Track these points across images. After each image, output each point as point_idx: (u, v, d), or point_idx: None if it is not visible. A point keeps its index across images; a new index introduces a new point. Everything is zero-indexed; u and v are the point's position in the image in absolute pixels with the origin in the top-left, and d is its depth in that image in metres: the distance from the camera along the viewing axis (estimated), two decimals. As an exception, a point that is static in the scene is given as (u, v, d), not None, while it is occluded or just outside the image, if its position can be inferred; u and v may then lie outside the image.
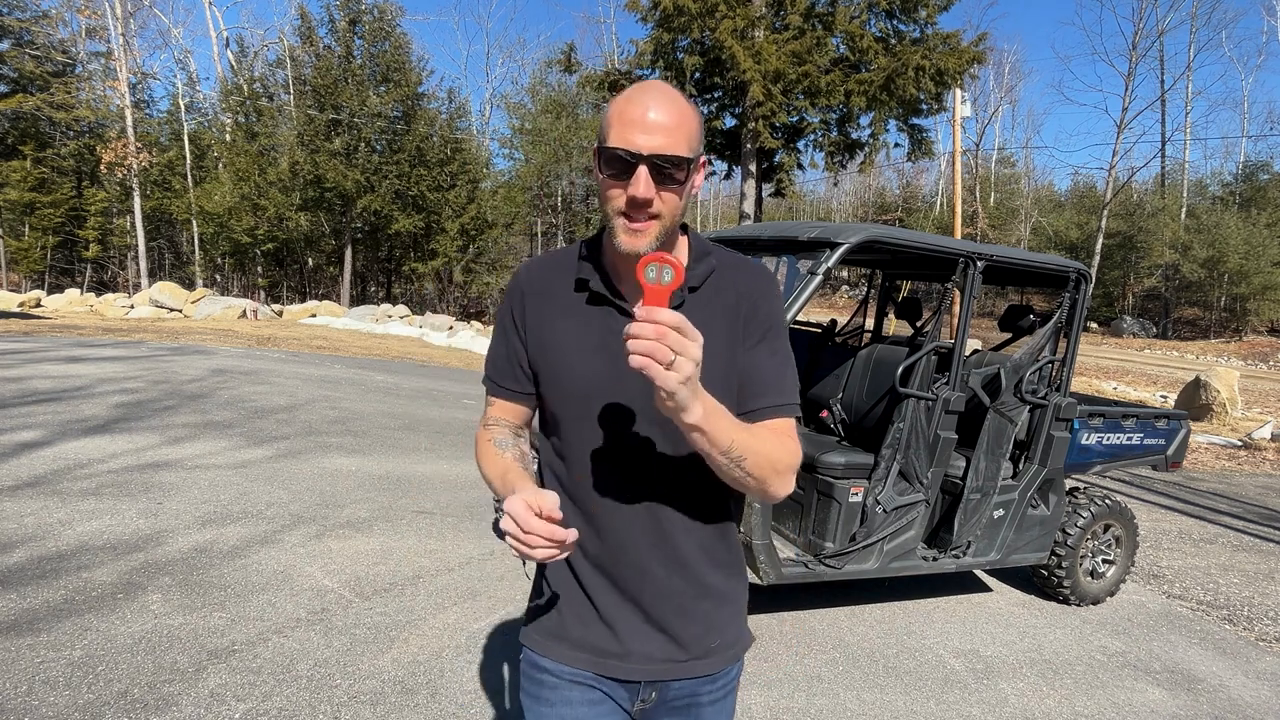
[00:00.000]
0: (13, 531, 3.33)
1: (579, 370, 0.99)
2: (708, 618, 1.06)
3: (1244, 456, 8.84)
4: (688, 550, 1.02)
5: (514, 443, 1.08)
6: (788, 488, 0.96)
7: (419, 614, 2.99)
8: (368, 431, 5.98)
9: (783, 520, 3.37)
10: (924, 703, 2.77)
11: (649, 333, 0.73)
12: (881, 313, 4.86)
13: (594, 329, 1.00)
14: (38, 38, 22.62)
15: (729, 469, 0.88)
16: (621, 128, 0.88)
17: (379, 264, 27.39)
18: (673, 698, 1.07)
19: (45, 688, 2.25)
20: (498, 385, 1.10)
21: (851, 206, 47.68)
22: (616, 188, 0.90)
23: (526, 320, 1.04)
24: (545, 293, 1.04)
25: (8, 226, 23.47)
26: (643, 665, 1.04)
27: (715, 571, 1.06)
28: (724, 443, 0.85)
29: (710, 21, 12.16)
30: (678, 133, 0.89)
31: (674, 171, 0.89)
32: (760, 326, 1.01)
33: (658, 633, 1.03)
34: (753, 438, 0.89)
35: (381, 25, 22.46)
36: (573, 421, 1.01)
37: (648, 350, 0.73)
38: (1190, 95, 36.02)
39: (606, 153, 0.90)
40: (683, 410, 0.78)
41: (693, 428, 0.81)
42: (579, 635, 1.04)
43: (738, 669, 1.13)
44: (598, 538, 1.01)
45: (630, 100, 0.90)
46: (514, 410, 1.11)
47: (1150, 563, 4.75)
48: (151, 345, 9.63)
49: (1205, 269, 29.75)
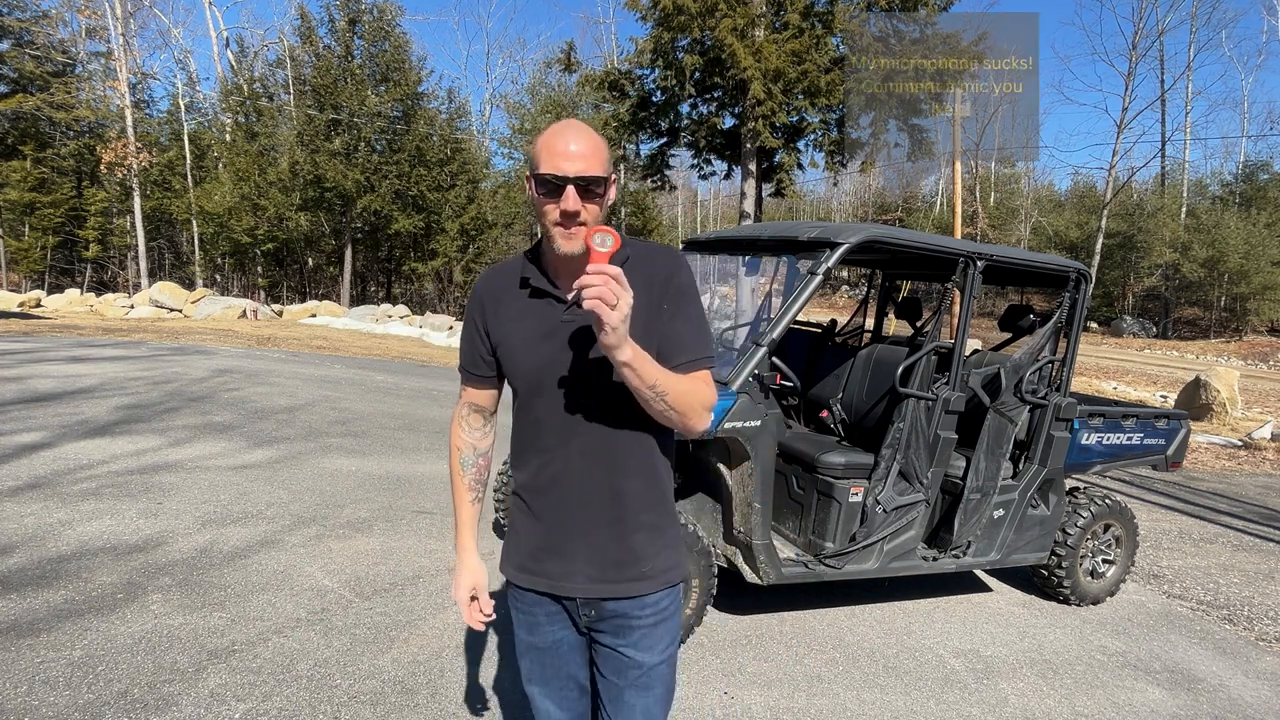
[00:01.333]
0: (13, 532, 3.33)
1: (530, 355, 1.24)
2: (639, 548, 1.28)
3: (1244, 456, 8.84)
4: (622, 489, 1.26)
5: (474, 462, 1.42)
6: (705, 423, 1.22)
7: (419, 614, 2.99)
8: (368, 432, 5.98)
9: (783, 520, 3.38)
10: (924, 703, 2.77)
11: (598, 280, 0.98)
12: (881, 313, 4.86)
13: (538, 320, 1.25)
14: (38, 38, 22.59)
15: (655, 402, 1.13)
16: (550, 157, 1.13)
17: (379, 264, 27.39)
18: (609, 615, 1.30)
19: (45, 688, 2.25)
20: (470, 374, 1.37)
21: (851, 206, 47.66)
22: (550, 204, 1.15)
23: (486, 320, 1.30)
24: (499, 297, 1.30)
25: (8, 226, 23.47)
26: (582, 585, 1.27)
27: (647, 510, 1.29)
28: (650, 378, 1.10)
29: (710, 21, 12.14)
30: (593, 158, 1.14)
31: (594, 188, 1.14)
32: (674, 297, 1.24)
33: (595, 557, 1.27)
34: (673, 378, 1.15)
35: (381, 25, 22.45)
36: (529, 394, 1.27)
37: (598, 294, 0.97)
38: (1190, 95, 35.94)
39: (540, 177, 1.14)
40: (617, 347, 1.03)
41: (625, 364, 1.06)
42: (534, 565, 1.30)
43: (670, 599, 1.33)
44: (553, 481, 1.26)
45: (555, 135, 1.15)
46: (484, 395, 1.39)
47: (1150, 562, 4.75)
48: (152, 345, 9.63)
49: (1205, 269, 29.72)
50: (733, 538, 3.03)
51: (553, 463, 1.26)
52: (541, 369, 1.23)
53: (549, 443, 1.26)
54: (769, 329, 2.83)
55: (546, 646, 1.34)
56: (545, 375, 1.23)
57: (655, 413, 1.17)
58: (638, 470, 1.28)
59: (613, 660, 1.32)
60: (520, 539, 1.33)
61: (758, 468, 2.83)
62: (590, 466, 1.25)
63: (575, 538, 1.27)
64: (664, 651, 1.33)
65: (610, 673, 1.33)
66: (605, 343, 1.03)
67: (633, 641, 1.30)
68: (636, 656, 1.31)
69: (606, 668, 1.34)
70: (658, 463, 1.31)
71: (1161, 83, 34.96)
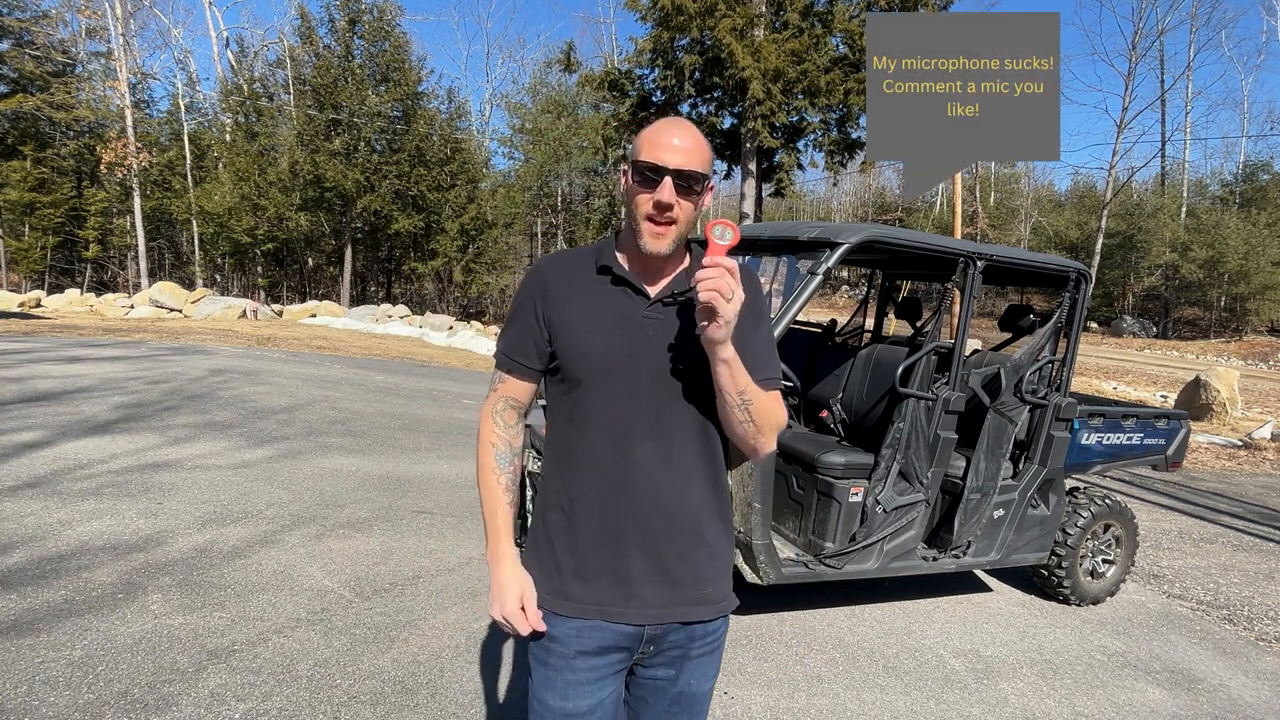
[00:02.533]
0: (13, 532, 3.33)
1: (601, 343, 1.15)
2: (702, 567, 1.19)
3: (1244, 456, 8.84)
4: (688, 499, 1.17)
5: (510, 460, 1.25)
6: (773, 444, 1.18)
7: (419, 614, 2.99)
8: (368, 431, 5.98)
9: (783, 520, 3.37)
10: (924, 703, 2.77)
11: (715, 273, 0.97)
12: (881, 313, 4.86)
13: (612, 309, 1.17)
14: (38, 38, 22.60)
15: (738, 409, 1.10)
16: (652, 147, 1.10)
17: (379, 264, 27.38)
18: (668, 647, 1.19)
19: (45, 688, 2.25)
20: (514, 361, 1.23)
21: (851, 206, 47.66)
22: (645, 194, 1.11)
23: (549, 304, 1.19)
24: (567, 281, 1.20)
25: (8, 226, 23.46)
26: (643, 610, 1.15)
27: (711, 524, 1.20)
28: (742, 383, 1.08)
29: (709, 21, 12.15)
30: (696, 155, 1.10)
31: (692, 184, 1.10)
32: (753, 316, 1.19)
33: (658, 577, 1.16)
34: (757, 390, 1.12)
35: (381, 25, 22.45)
36: (593, 387, 1.15)
37: (715, 286, 0.97)
38: (1190, 95, 35.99)
39: (640, 165, 1.10)
40: (723, 343, 1.02)
41: (725, 360, 1.04)
42: (581, 590, 1.16)
43: (724, 626, 1.26)
44: (612, 487, 1.15)
45: (660, 128, 1.12)
46: (523, 388, 1.25)
47: (1150, 562, 4.75)
48: (151, 345, 9.63)
49: (1205, 269, 29.72)
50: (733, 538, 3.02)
51: (616, 465, 1.14)
52: (615, 362, 1.14)
53: (614, 442, 1.15)
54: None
55: (582, 712, 1.15)
56: (618, 369, 1.14)
57: (734, 421, 1.12)
58: (709, 480, 1.20)
59: (662, 694, 1.23)
60: (558, 559, 1.18)
61: (758, 468, 2.83)
62: (662, 471, 1.15)
63: (634, 554, 1.15)
64: (714, 678, 1.27)
65: (658, 706, 1.23)
66: (712, 336, 1.01)
67: (689, 671, 1.22)
68: (691, 688, 1.23)
69: (653, 702, 1.24)
70: (723, 474, 1.24)
71: (1161, 83, 35.02)
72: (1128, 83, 33.52)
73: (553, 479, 1.21)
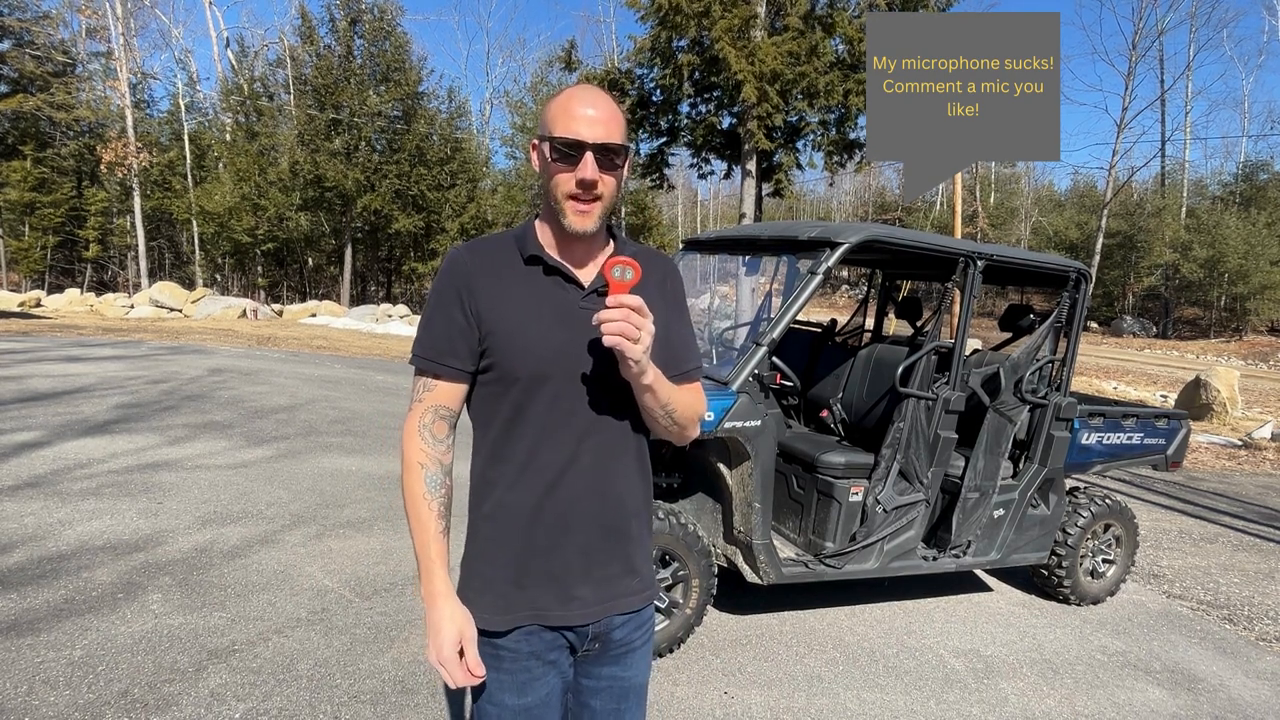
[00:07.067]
0: (13, 531, 3.33)
1: (541, 338, 1.09)
2: (633, 557, 1.19)
3: (1244, 456, 8.84)
4: (623, 493, 1.16)
5: (442, 482, 1.14)
6: (698, 431, 1.23)
7: (419, 614, 2.99)
8: (368, 431, 5.98)
9: (783, 520, 3.37)
10: (924, 703, 2.77)
11: (619, 315, 0.95)
12: (881, 312, 4.85)
13: (548, 301, 1.11)
14: (38, 38, 22.58)
15: (663, 418, 1.12)
16: (568, 120, 1.03)
17: (379, 264, 27.38)
18: (613, 646, 1.19)
19: (45, 688, 2.25)
20: (441, 365, 1.12)
21: (851, 206, 47.66)
22: (565, 172, 1.05)
23: (476, 297, 1.10)
24: (492, 272, 1.12)
25: (8, 226, 23.45)
26: (583, 610, 1.14)
27: (639, 514, 1.20)
28: (664, 398, 1.10)
29: (706, 21, 12.14)
30: (613, 125, 1.05)
31: (614, 157, 1.05)
32: (678, 303, 1.23)
33: (595, 574, 1.15)
34: (678, 393, 1.14)
35: (381, 25, 22.46)
36: (533, 385, 1.09)
37: (620, 330, 0.95)
38: (1190, 95, 35.94)
39: (557, 141, 1.04)
40: (642, 374, 1.02)
41: (646, 388, 1.05)
42: (519, 597, 1.12)
43: (651, 612, 1.27)
44: (549, 491, 1.10)
45: (571, 97, 1.06)
46: (454, 393, 1.14)
47: (1150, 562, 4.75)
48: (151, 345, 9.63)
49: (1205, 269, 29.70)
50: (733, 537, 3.03)
51: (559, 466, 1.10)
52: (555, 357, 1.09)
53: (552, 442, 1.10)
54: (769, 329, 2.83)
55: (539, 703, 1.15)
56: (559, 365, 1.09)
57: (659, 428, 1.15)
58: (639, 470, 1.19)
59: (610, 694, 1.21)
60: (489, 568, 1.14)
61: (758, 467, 2.83)
62: (598, 467, 1.12)
63: (571, 553, 1.12)
64: (650, 665, 1.28)
65: (609, 702, 1.22)
66: (627, 375, 1.02)
67: (634, 665, 1.22)
68: (638, 680, 1.24)
69: (603, 698, 1.21)
70: (647, 462, 1.22)
71: (1161, 82, 34.98)
72: (1128, 82, 33.50)
73: (483, 486, 1.15)
